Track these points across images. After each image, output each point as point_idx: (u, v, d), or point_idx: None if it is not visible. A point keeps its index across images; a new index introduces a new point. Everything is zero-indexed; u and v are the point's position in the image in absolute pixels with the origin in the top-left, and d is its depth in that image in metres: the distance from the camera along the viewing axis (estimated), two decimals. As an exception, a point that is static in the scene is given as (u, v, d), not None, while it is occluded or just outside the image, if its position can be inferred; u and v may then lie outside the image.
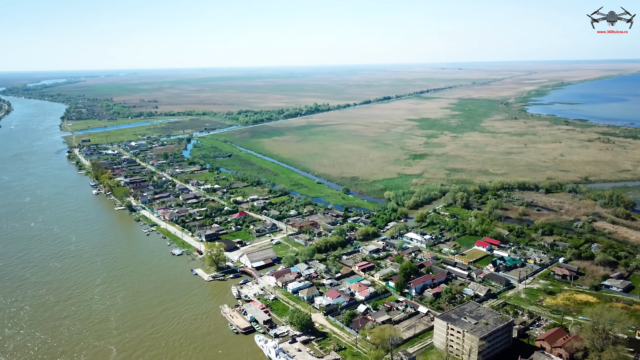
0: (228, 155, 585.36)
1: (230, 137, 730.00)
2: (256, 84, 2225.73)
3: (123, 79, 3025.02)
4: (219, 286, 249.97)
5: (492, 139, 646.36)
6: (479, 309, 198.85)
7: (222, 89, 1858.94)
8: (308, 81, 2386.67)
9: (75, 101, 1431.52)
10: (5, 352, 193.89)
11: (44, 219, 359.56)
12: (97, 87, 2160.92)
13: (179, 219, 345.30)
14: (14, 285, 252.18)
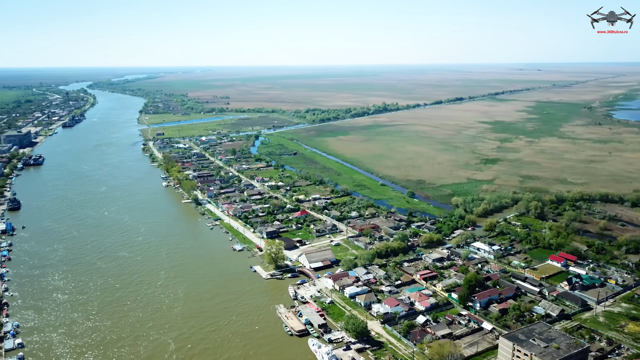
0: (293, 153, 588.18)
1: (296, 135, 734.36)
2: (325, 82, 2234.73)
3: (198, 76, 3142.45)
4: (276, 285, 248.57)
5: (572, 146, 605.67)
6: (550, 330, 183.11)
7: (292, 87, 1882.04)
8: (377, 80, 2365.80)
9: (153, 96, 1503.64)
10: (74, 335, 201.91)
11: (116, 209, 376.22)
12: (174, 82, 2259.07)
13: (242, 214, 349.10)
14: (85, 270, 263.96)
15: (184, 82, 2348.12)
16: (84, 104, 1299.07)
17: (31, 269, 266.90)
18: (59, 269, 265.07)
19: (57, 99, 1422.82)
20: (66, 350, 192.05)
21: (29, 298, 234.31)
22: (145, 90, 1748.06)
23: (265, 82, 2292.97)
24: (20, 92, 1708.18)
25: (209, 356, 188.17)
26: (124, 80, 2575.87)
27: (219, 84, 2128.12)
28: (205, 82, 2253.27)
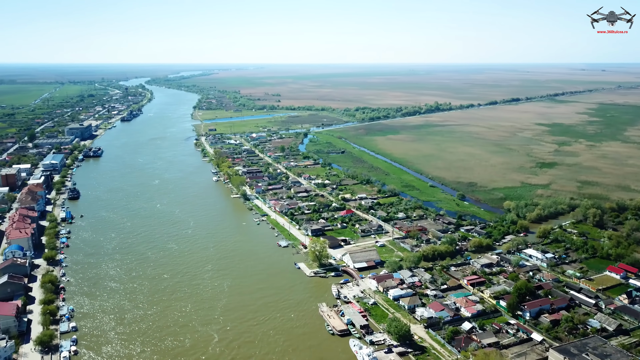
0: (341, 151, 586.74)
1: (345, 133, 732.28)
2: (376, 80, 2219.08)
3: (251, 73, 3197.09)
4: (319, 283, 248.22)
5: (637, 151, 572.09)
6: (605, 345, 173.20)
7: (342, 85, 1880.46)
8: (430, 79, 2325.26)
9: (207, 92, 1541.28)
10: (123, 323, 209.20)
11: (168, 201, 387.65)
12: (227, 79, 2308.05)
13: (288, 211, 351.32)
14: (136, 260, 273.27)
15: (237, 79, 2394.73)
16: (142, 99, 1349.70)
17: (87, 256, 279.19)
18: (112, 258, 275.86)
19: (117, 94, 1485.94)
20: (116, 336, 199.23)
21: (83, 284, 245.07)
22: (199, 86, 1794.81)
23: (317, 80, 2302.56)
24: (84, 87, 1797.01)
25: (250, 350, 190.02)
26: (180, 76, 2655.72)
27: (271, 81, 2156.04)
28: (257, 80, 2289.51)
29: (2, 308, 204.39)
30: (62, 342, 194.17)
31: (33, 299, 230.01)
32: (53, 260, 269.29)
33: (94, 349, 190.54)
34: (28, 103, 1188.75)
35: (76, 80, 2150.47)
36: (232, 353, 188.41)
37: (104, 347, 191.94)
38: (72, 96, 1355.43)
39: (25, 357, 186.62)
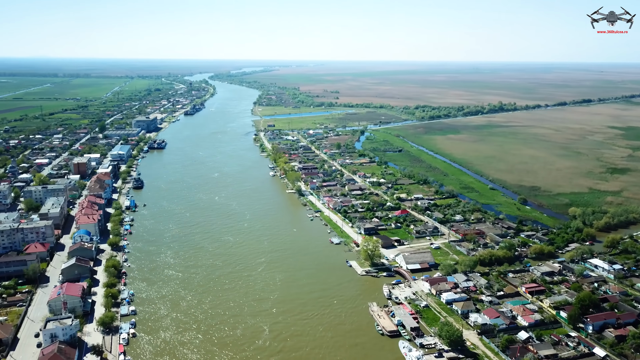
0: (398, 150, 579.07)
1: (403, 131, 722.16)
2: (438, 78, 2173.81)
3: (311, 70, 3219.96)
4: (370, 282, 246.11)
5: None
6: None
7: (402, 83, 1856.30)
8: (494, 78, 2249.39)
9: (267, 88, 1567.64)
10: (179, 310, 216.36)
11: (226, 194, 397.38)
12: (287, 76, 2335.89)
13: (341, 208, 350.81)
14: (193, 250, 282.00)
15: (297, 75, 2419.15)
16: (205, 94, 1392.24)
17: (148, 244, 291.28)
18: (170, 247, 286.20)
19: (181, 89, 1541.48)
20: (171, 322, 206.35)
21: (143, 270, 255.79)
22: (260, 82, 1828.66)
23: (376, 77, 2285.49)
24: (152, 81, 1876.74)
25: (298, 344, 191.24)
26: (242, 72, 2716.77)
27: (330, 78, 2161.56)
28: (317, 76, 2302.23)
29: (69, 288, 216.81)
30: (122, 324, 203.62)
31: (97, 281, 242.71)
32: (117, 246, 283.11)
33: (151, 333, 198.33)
34: (100, 96, 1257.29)
35: (144, 75, 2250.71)
36: (280, 346, 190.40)
37: (160, 332, 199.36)
38: (140, 90, 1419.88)
39: (89, 335, 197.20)
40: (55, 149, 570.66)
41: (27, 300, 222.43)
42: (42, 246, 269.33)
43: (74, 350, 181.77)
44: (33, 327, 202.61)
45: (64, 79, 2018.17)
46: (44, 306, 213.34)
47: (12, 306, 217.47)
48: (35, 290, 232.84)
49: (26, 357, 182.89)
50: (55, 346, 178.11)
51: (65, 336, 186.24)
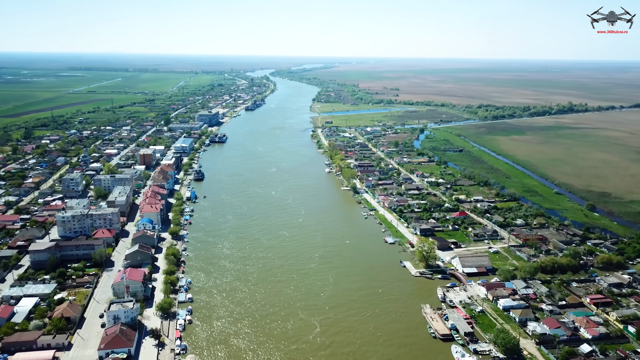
0: (459, 150, 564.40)
1: (464, 131, 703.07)
2: (502, 77, 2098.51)
3: (371, 66, 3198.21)
4: (424, 284, 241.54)
5: None
6: None
7: (465, 81, 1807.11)
8: (564, 77, 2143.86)
9: (327, 85, 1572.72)
10: (234, 301, 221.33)
11: (282, 189, 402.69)
12: (347, 73, 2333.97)
13: (397, 207, 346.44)
14: (249, 243, 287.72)
15: (356, 72, 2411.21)
16: (265, 90, 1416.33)
17: (206, 234, 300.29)
18: (227, 238, 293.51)
19: (243, 84, 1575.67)
20: (226, 313, 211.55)
21: (201, 260, 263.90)
22: (319, 79, 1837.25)
23: (438, 75, 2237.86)
24: (215, 76, 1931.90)
25: (349, 343, 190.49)
26: (302, 69, 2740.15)
27: (391, 75, 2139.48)
28: (377, 73, 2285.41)
29: (132, 274, 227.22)
30: (179, 311, 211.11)
31: (157, 268, 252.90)
32: (177, 235, 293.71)
33: (206, 322, 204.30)
34: (166, 90, 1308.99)
35: (208, 71, 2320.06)
36: (331, 343, 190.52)
37: (214, 321, 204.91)
38: (204, 85, 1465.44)
39: (148, 319, 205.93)
40: (124, 140, 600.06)
41: (94, 282, 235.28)
42: (108, 232, 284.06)
43: (134, 333, 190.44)
44: (98, 308, 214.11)
45: (134, 73, 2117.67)
46: (109, 289, 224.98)
47: (80, 287, 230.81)
48: (101, 274, 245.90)
49: (91, 336, 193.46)
50: (118, 327, 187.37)
51: (126, 318, 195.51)
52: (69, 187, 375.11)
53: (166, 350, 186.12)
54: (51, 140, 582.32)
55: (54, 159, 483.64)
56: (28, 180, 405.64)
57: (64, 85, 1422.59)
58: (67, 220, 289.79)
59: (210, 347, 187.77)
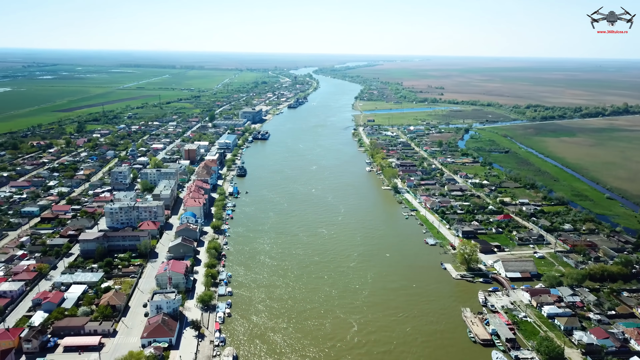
0: (505, 151, 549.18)
1: (511, 132, 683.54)
2: (553, 76, 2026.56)
3: (416, 65, 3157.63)
4: (465, 287, 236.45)
5: None
6: None
7: (513, 81, 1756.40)
8: (620, 77, 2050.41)
9: (370, 83, 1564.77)
10: (272, 297, 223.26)
11: (322, 187, 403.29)
12: (391, 71, 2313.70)
13: (439, 208, 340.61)
14: (289, 240, 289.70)
15: (400, 70, 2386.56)
16: (308, 87, 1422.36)
17: (247, 229, 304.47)
18: (268, 234, 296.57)
19: (286, 82, 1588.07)
20: (264, 308, 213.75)
21: (241, 255, 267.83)
22: (363, 77, 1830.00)
23: (485, 74, 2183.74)
24: (259, 74, 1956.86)
25: (386, 344, 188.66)
26: (345, 67, 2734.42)
27: (436, 73, 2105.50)
28: (421, 72, 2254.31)
29: (175, 265, 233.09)
30: (219, 304, 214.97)
31: (199, 261, 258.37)
32: (218, 229, 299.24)
33: (245, 316, 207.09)
34: (212, 87, 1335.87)
35: (253, 68, 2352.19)
36: (368, 344, 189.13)
37: (253, 316, 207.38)
38: (248, 82, 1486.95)
39: (189, 311, 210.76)
40: (170, 135, 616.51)
41: (139, 272, 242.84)
42: (153, 224, 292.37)
43: (176, 323, 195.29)
44: (142, 297, 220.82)
45: (181, 70, 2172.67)
46: (152, 279, 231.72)
47: (126, 277, 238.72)
48: (146, 264, 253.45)
49: (135, 324, 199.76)
50: (160, 317, 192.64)
51: (168, 309, 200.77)
52: (117, 180, 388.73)
53: (205, 341, 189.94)
54: (102, 134, 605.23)
55: (104, 152, 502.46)
56: (79, 173, 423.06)
57: (115, 82, 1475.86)
58: (115, 212, 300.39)
59: (248, 341, 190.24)
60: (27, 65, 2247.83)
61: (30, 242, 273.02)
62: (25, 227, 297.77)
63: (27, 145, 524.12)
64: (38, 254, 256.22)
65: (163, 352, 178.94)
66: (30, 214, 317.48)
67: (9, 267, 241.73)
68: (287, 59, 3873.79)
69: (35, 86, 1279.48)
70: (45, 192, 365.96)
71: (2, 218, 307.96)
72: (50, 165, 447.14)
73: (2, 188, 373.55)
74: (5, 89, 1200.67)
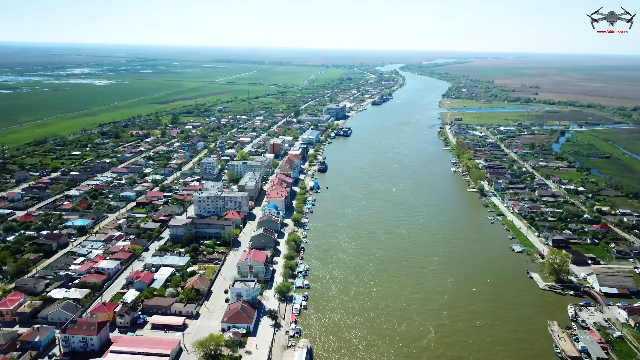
0: (606, 156, 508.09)
1: (613, 135, 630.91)
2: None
3: (509, 62, 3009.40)
4: (553, 299, 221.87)
5: None
6: None
7: (619, 80, 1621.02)
8: None
9: (459, 81, 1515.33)
10: (349, 294, 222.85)
11: (403, 186, 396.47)
12: (482, 68, 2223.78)
13: (528, 214, 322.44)
14: (367, 238, 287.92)
15: (492, 68, 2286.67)
16: (394, 84, 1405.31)
17: (326, 224, 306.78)
18: (346, 231, 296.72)
19: (372, 79, 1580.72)
20: (340, 304, 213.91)
21: (319, 249, 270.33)
22: (451, 74, 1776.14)
23: (587, 72, 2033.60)
24: (345, 70, 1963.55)
25: (463, 352, 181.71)
26: (434, 64, 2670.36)
27: (531, 72, 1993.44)
28: (515, 70, 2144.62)
29: (255, 255, 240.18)
30: (296, 296, 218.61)
31: (279, 252, 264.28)
32: (298, 222, 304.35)
33: (320, 310, 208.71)
34: (298, 83, 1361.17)
35: (339, 65, 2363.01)
36: (442, 349, 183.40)
37: (328, 311, 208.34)
38: (333, 79, 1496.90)
39: (267, 300, 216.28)
40: (256, 129, 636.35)
41: (222, 259, 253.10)
42: (237, 214, 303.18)
43: (254, 311, 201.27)
44: (224, 283, 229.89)
45: (269, 66, 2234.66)
46: (234, 267, 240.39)
47: (210, 263, 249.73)
48: (229, 252, 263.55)
49: (216, 309, 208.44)
50: (240, 304, 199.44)
51: (248, 297, 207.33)
52: (206, 170, 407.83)
53: (281, 331, 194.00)
54: (193, 126, 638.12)
55: (195, 143, 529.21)
56: (172, 162, 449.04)
57: (207, 76, 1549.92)
58: (203, 200, 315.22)
59: (322, 336, 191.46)
60: (130, 60, 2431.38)
61: (127, 224, 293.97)
62: (122, 211, 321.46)
63: (127, 134, 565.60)
64: (133, 236, 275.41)
65: (241, 338, 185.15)
66: (127, 198, 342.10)
67: (107, 247, 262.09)
68: (373, 55, 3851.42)
69: (137, 80, 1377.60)
70: (141, 179, 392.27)
71: (104, 201, 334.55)
72: (146, 154, 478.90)
73: (104, 173, 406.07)
74: (111, 82, 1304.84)
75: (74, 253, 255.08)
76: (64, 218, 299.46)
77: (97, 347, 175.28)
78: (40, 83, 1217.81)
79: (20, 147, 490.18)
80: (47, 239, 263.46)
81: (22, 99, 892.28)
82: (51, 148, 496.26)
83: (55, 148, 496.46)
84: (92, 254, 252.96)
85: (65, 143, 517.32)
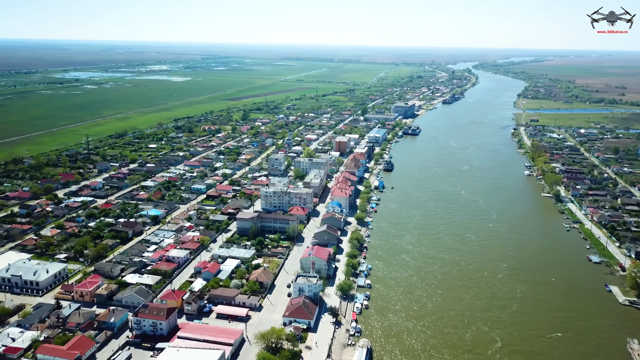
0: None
1: None
2: None
3: (593, 61, 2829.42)
4: (633, 315, 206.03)
5: None
6: None
7: None
8: None
9: (536, 80, 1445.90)
10: (412, 298, 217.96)
11: (473, 189, 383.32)
12: (561, 67, 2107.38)
13: (609, 223, 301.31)
14: (432, 241, 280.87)
15: (573, 66, 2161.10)
16: (466, 83, 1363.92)
17: (390, 225, 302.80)
18: (411, 233, 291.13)
19: (443, 77, 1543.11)
20: (402, 307, 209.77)
21: (382, 249, 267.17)
22: (528, 73, 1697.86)
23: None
24: (414, 68, 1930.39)
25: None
26: (509, 62, 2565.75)
27: (617, 71, 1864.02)
28: (599, 69, 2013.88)
29: (318, 251, 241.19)
30: (357, 295, 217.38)
31: (341, 250, 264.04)
32: (362, 221, 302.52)
33: (381, 312, 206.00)
34: (366, 81, 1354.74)
35: (409, 62, 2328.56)
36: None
37: (390, 314, 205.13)
38: (403, 77, 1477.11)
39: (328, 297, 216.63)
40: (323, 127, 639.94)
41: (286, 254, 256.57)
42: (302, 210, 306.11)
43: (315, 307, 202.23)
44: (286, 278, 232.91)
45: (338, 64, 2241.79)
46: (297, 262, 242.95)
47: (274, 257, 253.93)
48: (292, 247, 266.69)
49: (279, 302, 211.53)
50: (302, 299, 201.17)
51: (310, 292, 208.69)
52: (273, 166, 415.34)
53: (342, 329, 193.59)
54: (262, 122, 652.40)
55: (264, 139, 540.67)
56: (241, 157, 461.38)
57: (277, 74, 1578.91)
58: (269, 195, 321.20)
59: (383, 338, 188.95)
60: (205, 58, 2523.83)
61: (197, 216, 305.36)
62: (193, 202, 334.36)
63: (200, 129, 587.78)
64: (202, 227, 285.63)
65: (302, 333, 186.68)
66: (198, 190, 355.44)
67: (178, 236, 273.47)
68: (445, 53, 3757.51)
69: (210, 76, 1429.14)
70: (212, 173, 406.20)
71: (176, 192, 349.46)
72: (217, 149, 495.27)
73: (178, 166, 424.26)
74: (187, 78, 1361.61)
75: (148, 241, 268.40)
76: (140, 207, 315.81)
77: (165, 332, 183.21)
78: (123, 79, 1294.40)
79: (103, 139, 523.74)
80: (124, 227, 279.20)
81: (106, 94, 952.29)
82: (130, 141, 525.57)
83: (134, 141, 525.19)
84: (163, 243, 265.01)
85: (142, 136, 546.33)
